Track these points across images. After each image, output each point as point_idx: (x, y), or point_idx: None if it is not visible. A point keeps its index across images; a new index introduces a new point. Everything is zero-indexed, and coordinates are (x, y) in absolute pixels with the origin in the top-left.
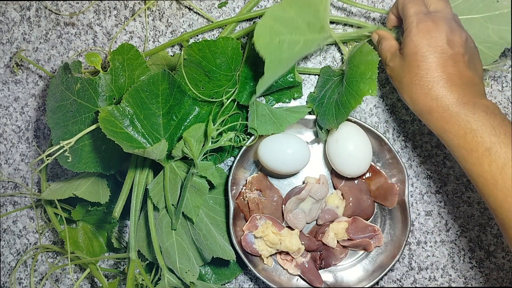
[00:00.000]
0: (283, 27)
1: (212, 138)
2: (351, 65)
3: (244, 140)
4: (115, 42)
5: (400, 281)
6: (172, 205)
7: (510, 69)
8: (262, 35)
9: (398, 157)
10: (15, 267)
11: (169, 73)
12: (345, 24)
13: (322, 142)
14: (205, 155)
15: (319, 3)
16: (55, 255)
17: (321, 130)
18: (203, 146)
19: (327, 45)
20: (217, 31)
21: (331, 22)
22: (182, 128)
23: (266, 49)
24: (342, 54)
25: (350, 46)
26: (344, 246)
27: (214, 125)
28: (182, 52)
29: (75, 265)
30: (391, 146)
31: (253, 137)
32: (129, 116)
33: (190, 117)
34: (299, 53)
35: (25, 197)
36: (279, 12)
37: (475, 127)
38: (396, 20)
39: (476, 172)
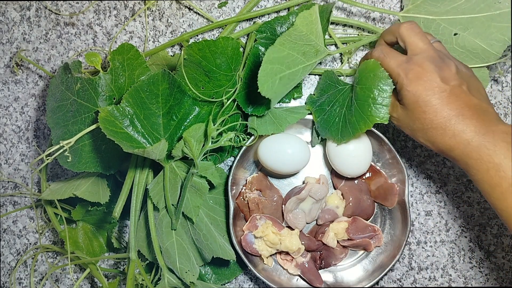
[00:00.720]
0: (281, 65)
1: (212, 138)
2: (362, 85)
3: (244, 140)
4: (115, 42)
5: (400, 281)
6: (172, 205)
7: (510, 69)
8: (265, 81)
9: (398, 157)
10: (15, 267)
11: (169, 73)
12: (344, 25)
13: (314, 145)
14: (205, 155)
15: (310, 34)
16: (55, 255)
17: (317, 136)
18: (203, 146)
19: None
20: (217, 31)
21: (331, 23)
22: (182, 128)
23: (271, 91)
24: (341, 54)
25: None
26: (344, 246)
27: (214, 125)
28: (182, 52)
29: (75, 265)
30: (391, 146)
31: (253, 137)
32: (129, 116)
33: (190, 117)
34: (299, 79)
35: (25, 197)
36: (274, 54)
37: (497, 161)
38: None
39: (500, 207)
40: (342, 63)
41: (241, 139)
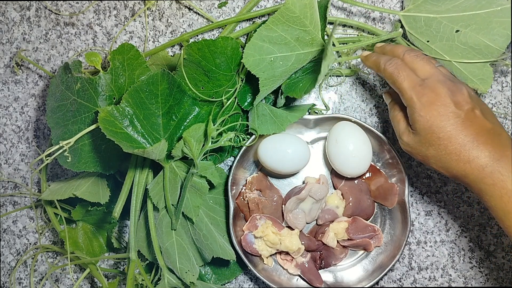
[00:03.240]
0: (273, 46)
1: (212, 138)
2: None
3: (244, 140)
4: (115, 42)
5: (400, 281)
6: (172, 205)
7: (510, 69)
8: (251, 54)
9: (398, 157)
10: (14, 267)
11: (168, 73)
12: (344, 25)
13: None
14: (205, 155)
15: (304, 18)
16: (55, 255)
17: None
18: (203, 146)
19: None
20: (217, 31)
21: (330, 23)
22: (182, 128)
23: (257, 68)
24: (340, 56)
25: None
26: (344, 246)
27: (214, 125)
28: (182, 52)
29: (75, 265)
30: (391, 146)
31: (253, 137)
32: (129, 116)
33: (190, 117)
34: (293, 67)
35: (25, 197)
36: (266, 32)
37: (510, 187)
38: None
39: None
40: (340, 63)
41: (241, 139)
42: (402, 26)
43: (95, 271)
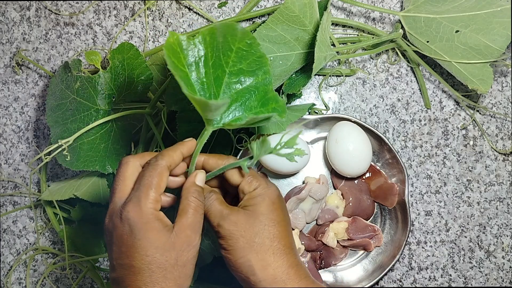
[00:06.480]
0: (272, 45)
1: None
2: None
3: (244, 140)
4: (115, 42)
5: (400, 281)
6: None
7: (510, 69)
8: None
9: (398, 157)
10: (11, 268)
11: (252, 36)
12: (344, 26)
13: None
14: None
15: (304, 17)
16: (55, 255)
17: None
18: None
19: None
20: None
21: (332, 24)
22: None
23: None
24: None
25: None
26: (344, 246)
27: None
28: None
29: (75, 265)
30: (391, 146)
31: (253, 137)
32: (196, 57)
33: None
34: (293, 66)
35: (25, 197)
36: (265, 31)
37: None
38: None
39: None
40: (340, 63)
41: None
42: (402, 27)
43: (93, 271)
